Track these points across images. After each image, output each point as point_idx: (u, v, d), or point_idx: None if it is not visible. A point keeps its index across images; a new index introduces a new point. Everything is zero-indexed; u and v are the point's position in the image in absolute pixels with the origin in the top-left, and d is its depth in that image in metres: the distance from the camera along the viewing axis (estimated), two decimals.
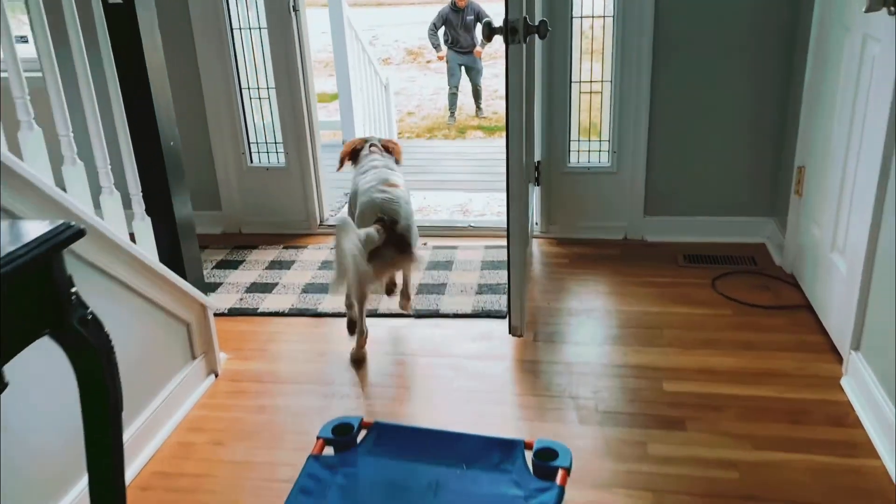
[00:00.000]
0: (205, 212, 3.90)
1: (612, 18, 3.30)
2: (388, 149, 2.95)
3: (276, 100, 3.72)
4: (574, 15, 3.32)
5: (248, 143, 3.81)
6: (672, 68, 3.31)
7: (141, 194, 2.33)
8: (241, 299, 3.15)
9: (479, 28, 8.79)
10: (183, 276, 2.43)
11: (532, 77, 3.15)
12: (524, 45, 2.37)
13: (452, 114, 9.27)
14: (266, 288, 3.25)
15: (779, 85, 3.24)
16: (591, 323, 2.88)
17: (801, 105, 2.98)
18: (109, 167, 2.21)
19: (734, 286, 3.09)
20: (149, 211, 2.36)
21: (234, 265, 3.49)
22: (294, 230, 3.87)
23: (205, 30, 3.59)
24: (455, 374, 2.57)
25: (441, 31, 8.59)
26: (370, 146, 2.92)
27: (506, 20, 2.30)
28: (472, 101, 9.62)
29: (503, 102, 2.43)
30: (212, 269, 3.46)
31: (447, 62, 9.18)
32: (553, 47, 3.33)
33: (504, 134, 2.43)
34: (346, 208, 3.73)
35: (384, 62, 15.38)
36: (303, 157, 3.77)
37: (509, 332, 2.70)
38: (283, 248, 3.68)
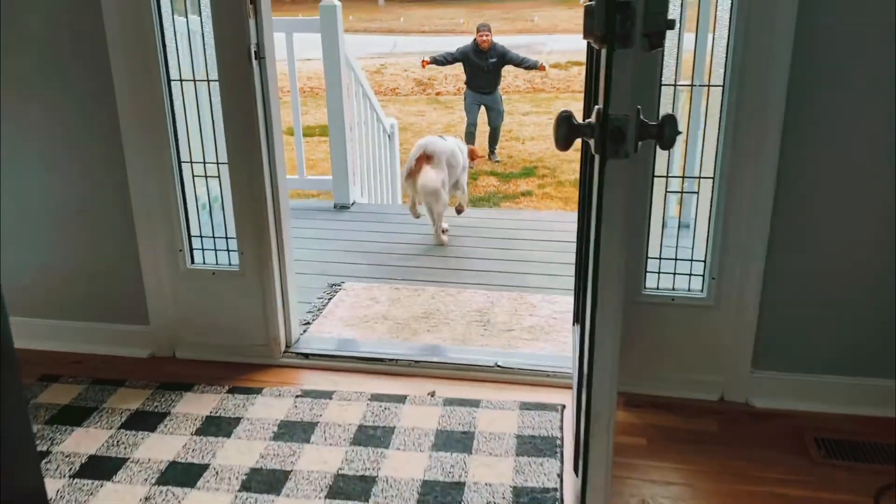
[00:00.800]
0: (127, 327, 2.82)
1: (720, 89, 2.23)
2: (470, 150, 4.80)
3: (228, 178, 2.64)
4: (664, 82, 2.25)
5: (189, 237, 2.73)
6: (809, 159, 2.23)
7: None
8: (145, 500, 2.05)
9: (505, 67, 7.96)
10: None
11: None
12: (632, 157, 1.29)
13: None
14: (189, 475, 2.14)
15: None
16: None
17: None
18: None
19: None
20: None
21: (150, 423, 2.39)
22: (248, 357, 2.78)
23: (131, 81, 2.53)
24: None
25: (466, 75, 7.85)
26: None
27: (604, 116, 1.23)
28: (487, 143, 8.64)
29: (517, 144, 1.37)
30: (117, 429, 2.36)
31: (465, 99, 8.32)
32: None
33: (518, 188, 1.35)
34: (316, 325, 3.17)
35: (392, 91, 14.48)
36: (263, 257, 2.69)
37: None
38: (229, 391, 2.58)
